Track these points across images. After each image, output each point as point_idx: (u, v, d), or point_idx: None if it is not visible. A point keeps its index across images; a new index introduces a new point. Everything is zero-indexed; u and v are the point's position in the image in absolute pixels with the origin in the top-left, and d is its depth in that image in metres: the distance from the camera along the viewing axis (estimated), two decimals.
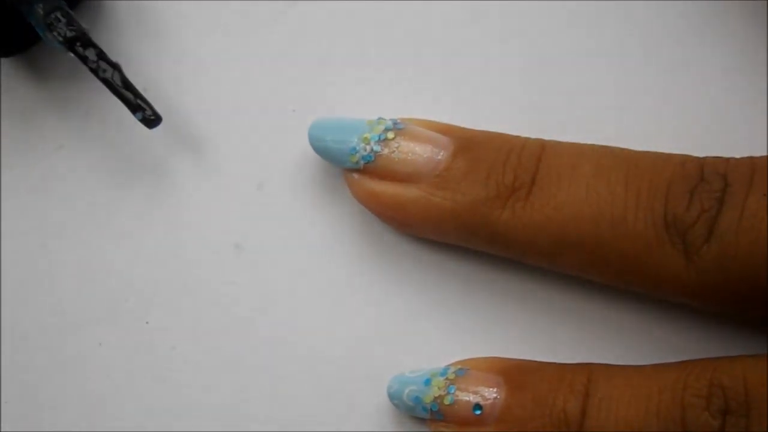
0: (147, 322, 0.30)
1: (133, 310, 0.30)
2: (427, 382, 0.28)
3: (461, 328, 0.30)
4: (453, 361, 0.29)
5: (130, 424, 0.30)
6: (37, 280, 0.31)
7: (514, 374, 0.28)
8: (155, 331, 0.30)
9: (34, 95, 0.32)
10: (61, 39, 0.29)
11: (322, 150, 0.29)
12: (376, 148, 0.29)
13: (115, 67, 0.29)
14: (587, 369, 0.27)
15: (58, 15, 0.29)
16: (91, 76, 0.29)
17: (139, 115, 0.29)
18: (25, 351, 0.30)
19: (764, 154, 0.27)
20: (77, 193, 0.31)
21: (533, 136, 0.29)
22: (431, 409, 0.28)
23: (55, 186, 0.31)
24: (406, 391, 0.28)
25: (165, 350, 0.30)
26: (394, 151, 0.29)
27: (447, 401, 0.27)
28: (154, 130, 0.29)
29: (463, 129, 0.29)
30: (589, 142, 0.28)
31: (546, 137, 0.28)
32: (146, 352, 0.30)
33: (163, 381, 0.30)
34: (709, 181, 0.26)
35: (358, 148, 0.29)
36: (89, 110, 0.32)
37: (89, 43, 0.29)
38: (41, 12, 0.29)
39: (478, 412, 0.27)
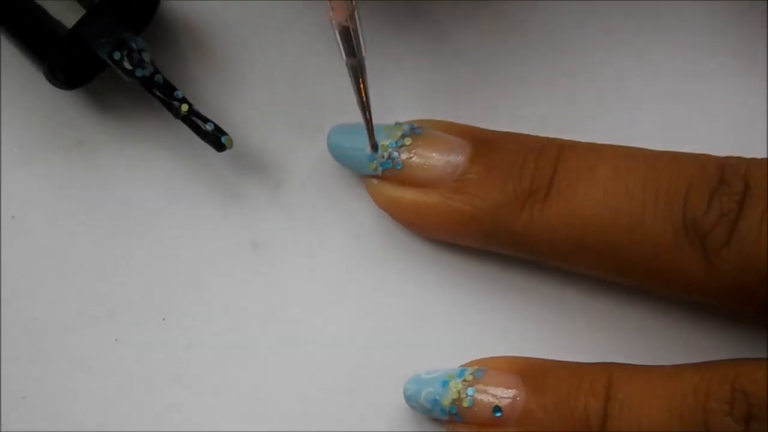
0: (163, 319, 0.30)
1: (150, 307, 0.30)
2: (445, 384, 0.28)
3: (478, 328, 0.30)
4: (469, 360, 0.29)
5: (145, 421, 0.30)
6: (55, 276, 0.31)
7: (532, 374, 0.27)
8: (171, 328, 0.30)
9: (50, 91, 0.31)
10: (129, 78, 0.29)
11: (341, 157, 0.30)
12: (394, 154, 0.29)
13: (184, 101, 0.29)
14: (607, 369, 0.27)
15: (126, 53, 0.29)
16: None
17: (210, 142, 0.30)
18: (42, 346, 0.30)
19: (764, 154, 0.26)
20: (94, 189, 0.31)
21: (552, 134, 0.29)
22: (450, 412, 0.28)
23: (71, 182, 0.31)
24: (423, 393, 0.28)
25: (180, 347, 0.30)
26: (411, 157, 0.29)
27: (465, 403, 0.27)
28: (173, 126, 0.30)
29: (481, 130, 0.29)
30: (609, 142, 0.28)
31: (565, 136, 0.28)
32: (162, 348, 0.30)
33: (178, 378, 0.30)
34: (729, 183, 0.25)
35: (375, 155, 0.29)
36: (108, 106, 0.31)
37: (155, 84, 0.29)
38: (108, 48, 0.29)
39: (498, 414, 0.27)
